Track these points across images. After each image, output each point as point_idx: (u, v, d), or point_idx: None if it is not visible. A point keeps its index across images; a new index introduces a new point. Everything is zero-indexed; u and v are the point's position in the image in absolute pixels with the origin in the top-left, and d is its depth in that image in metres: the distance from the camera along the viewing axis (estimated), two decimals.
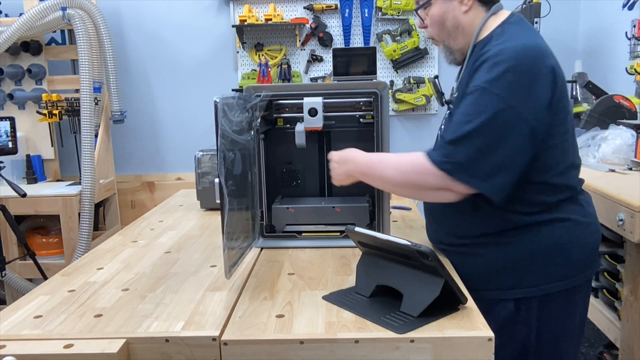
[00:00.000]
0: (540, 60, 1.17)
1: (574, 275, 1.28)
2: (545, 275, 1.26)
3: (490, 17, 1.30)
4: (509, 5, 1.38)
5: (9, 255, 2.89)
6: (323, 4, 3.47)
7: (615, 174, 2.10)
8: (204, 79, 3.64)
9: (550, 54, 1.20)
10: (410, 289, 1.08)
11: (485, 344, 0.96)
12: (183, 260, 1.43)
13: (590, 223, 1.31)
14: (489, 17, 1.29)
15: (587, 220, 1.30)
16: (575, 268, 1.28)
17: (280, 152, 1.65)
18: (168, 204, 2.14)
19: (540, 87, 1.15)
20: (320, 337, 0.98)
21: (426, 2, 1.34)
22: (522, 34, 1.23)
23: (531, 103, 1.14)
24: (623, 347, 1.88)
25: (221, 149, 1.12)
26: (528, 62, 1.15)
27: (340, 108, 1.56)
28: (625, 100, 2.47)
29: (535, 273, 1.26)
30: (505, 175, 1.16)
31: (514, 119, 1.13)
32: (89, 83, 3.06)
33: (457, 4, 1.30)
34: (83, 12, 3.10)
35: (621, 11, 2.77)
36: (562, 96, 1.20)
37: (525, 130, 1.14)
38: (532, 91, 1.14)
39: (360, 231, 1.16)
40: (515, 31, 1.24)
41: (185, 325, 1.03)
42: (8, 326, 1.06)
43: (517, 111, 1.13)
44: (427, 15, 1.35)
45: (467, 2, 1.29)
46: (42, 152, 3.38)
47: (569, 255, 1.27)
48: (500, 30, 1.27)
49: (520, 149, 1.16)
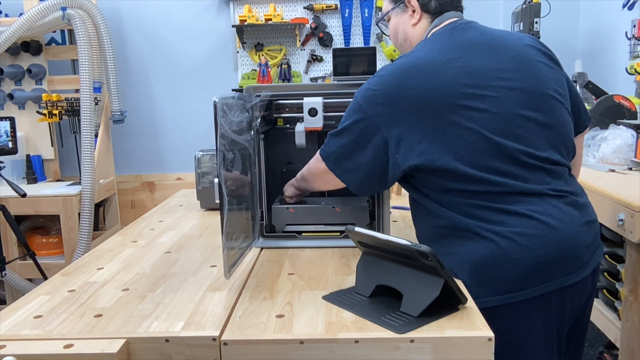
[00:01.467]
0: (386, 80, 1.23)
1: (513, 291, 1.18)
2: (480, 288, 1.18)
3: (433, 29, 1.34)
4: (509, 5, 1.39)
5: (9, 255, 2.89)
6: (323, 4, 3.48)
7: (615, 174, 2.10)
8: (204, 79, 3.64)
9: (408, 72, 1.22)
10: (410, 289, 1.08)
11: (485, 344, 0.96)
12: (183, 260, 1.43)
13: (536, 236, 1.17)
14: (430, 30, 1.35)
15: (532, 233, 1.17)
16: (512, 284, 1.18)
17: (280, 152, 1.65)
18: (168, 204, 2.14)
19: (391, 104, 1.21)
20: (320, 337, 0.98)
21: (383, 16, 1.44)
22: (410, 54, 1.28)
23: (386, 117, 1.21)
24: (623, 347, 1.88)
25: (221, 149, 1.12)
26: (376, 79, 1.24)
27: (340, 108, 1.56)
28: (625, 100, 2.47)
29: (472, 285, 1.19)
30: (363, 174, 1.27)
31: (371, 127, 1.22)
32: (89, 83, 3.06)
33: (408, 17, 1.37)
34: (83, 12, 3.10)
35: (621, 11, 2.77)
36: (431, 110, 1.18)
37: (379, 140, 1.22)
38: (385, 107, 1.21)
39: (360, 231, 1.16)
40: (415, 50, 1.30)
41: (185, 325, 1.03)
42: (8, 326, 1.06)
43: (373, 122, 1.22)
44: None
45: (415, 16, 1.35)
46: (42, 152, 3.38)
47: (500, 271, 1.17)
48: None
49: (376, 156, 1.23)
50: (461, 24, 1.32)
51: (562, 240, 1.20)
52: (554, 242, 1.19)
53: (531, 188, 1.20)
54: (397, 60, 1.27)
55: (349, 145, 1.26)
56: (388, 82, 1.23)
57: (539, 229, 1.18)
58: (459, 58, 1.22)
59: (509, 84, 1.22)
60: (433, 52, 1.25)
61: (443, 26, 1.33)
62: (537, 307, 1.20)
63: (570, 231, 1.21)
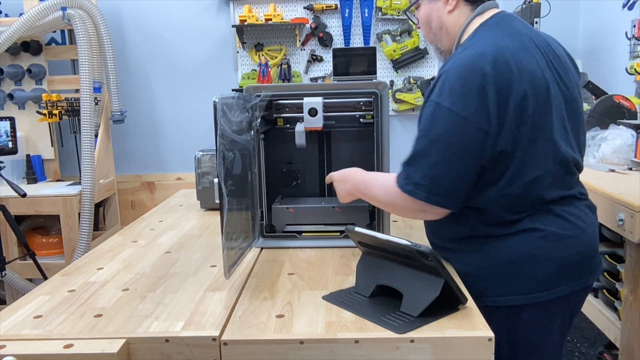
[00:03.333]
0: (475, 68, 1.12)
1: (542, 290, 1.20)
2: (509, 286, 1.20)
3: (476, 17, 1.27)
4: (509, 5, 1.39)
5: (9, 255, 2.89)
6: (323, 4, 3.48)
7: (615, 174, 2.10)
8: (204, 79, 3.64)
9: (498, 59, 1.13)
10: (410, 289, 1.08)
11: (485, 344, 0.96)
12: (183, 260, 1.43)
13: (569, 236, 1.20)
14: (473, 18, 1.27)
15: (565, 233, 1.20)
16: (542, 283, 1.20)
17: (280, 152, 1.65)
18: (168, 204, 2.14)
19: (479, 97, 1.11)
20: (320, 337, 0.98)
21: (413, 3, 1.36)
22: (484, 41, 1.19)
23: (479, 113, 1.11)
24: (623, 347, 1.88)
25: (220, 149, 1.12)
26: (464, 72, 1.12)
27: (340, 108, 1.56)
28: (625, 100, 2.47)
29: (499, 283, 1.21)
30: (464, 185, 1.15)
31: (465, 129, 1.11)
32: (89, 83, 3.06)
33: (442, 4, 1.29)
34: (83, 12, 3.10)
35: (621, 11, 2.77)
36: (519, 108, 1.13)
37: (478, 136, 1.12)
38: (478, 101, 1.11)
39: (360, 231, 1.16)
40: (482, 37, 1.21)
41: (185, 325, 1.03)
42: (8, 326, 1.06)
43: (468, 121, 1.11)
44: (418, 16, 1.37)
45: (451, 2, 1.28)
46: (42, 152, 3.38)
47: (532, 270, 1.19)
48: (473, 34, 1.24)
49: (474, 157, 1.13)
50: (509, 16, 1.27)
51: (586, 241, 1.24)
52: (580, 243, 1.23)
53: (568, 191, 1.24)
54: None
55: None
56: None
57: (570, 230, 1.21)
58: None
59: (557, 85, 1.22)
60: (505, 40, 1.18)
61: (490, 19, 1.25)
62: (559, 307, 1.24)
63: (592, 233, 1.26)
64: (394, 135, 3.60)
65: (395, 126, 3.60)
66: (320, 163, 1.67)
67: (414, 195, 1.15)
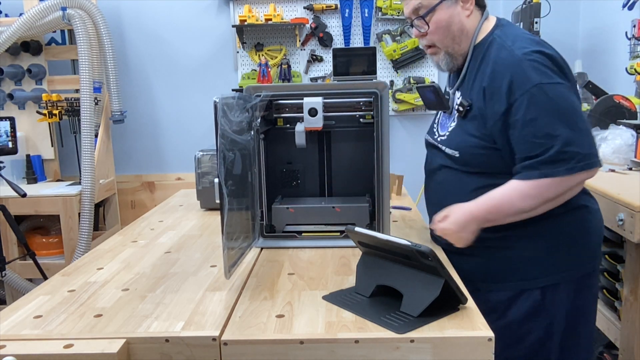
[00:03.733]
0: (549, 47, 1.29)
1: (592, 260, 1.38)
2: (569, 261, 1.33)
3: (484, 21, 1.40)
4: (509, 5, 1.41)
5: (9, 255, 2.89)
6: (323, 4, 3.48)
7: (615, 174, 2.10)
8: (204, 79, 3.64)
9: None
10: (410, 289, 1.08)
11: (485, 344, 0.96)
12: (183, 260, 1.43)
13: (598, 210, 1.41)
14: (484, 21, 1.39)
15: (597, 207, 1.41)
16: (592, 252, 1.38)
17: (280, 152, 1.65)
18: (168, 204, 2.14)
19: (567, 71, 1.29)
20: (320, 337, 0.98)
21: (430, 10, 1.35)
22: (521, 32, 1.36)
23: (571, 83, 1.29)
24: (623, 347, 1.88)
25: (221, 149, 1.12)
26: (552, 51, 1.28)
27: (340, 108, 1.56)
28: (625, 100, 2.46)
29: (560, 260, 1.33)
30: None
31: (574, 97, 1.28)
32: (89, 83, 3.06)
33: (460, 9, 1.37)
34: (83, 12, 3.10)
35: (621, 11, 2.77)
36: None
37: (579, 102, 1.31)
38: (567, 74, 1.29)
39: (360, 231, 1.16)
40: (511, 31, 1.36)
41: (185, 325, 1.03)
42: (8, 326, 1.06)
43: (573, 90, 1.28)
44: (430, 22, 1.36)
45: (469, 7, 1.37)
46: (42, 152, 3.38)
47: (589, 241, 1.37)
48: (499, 32, 1.36)
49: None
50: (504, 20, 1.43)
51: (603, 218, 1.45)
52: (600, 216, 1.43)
53: None
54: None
55: None
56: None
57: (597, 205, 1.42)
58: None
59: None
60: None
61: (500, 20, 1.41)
62: (596, 276, 1.42)
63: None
64: (394, 135, 3.61)
65: (395, 126, 3.60)
66: (320, 163, 1.67)
67: (594, 165, 1.25)
